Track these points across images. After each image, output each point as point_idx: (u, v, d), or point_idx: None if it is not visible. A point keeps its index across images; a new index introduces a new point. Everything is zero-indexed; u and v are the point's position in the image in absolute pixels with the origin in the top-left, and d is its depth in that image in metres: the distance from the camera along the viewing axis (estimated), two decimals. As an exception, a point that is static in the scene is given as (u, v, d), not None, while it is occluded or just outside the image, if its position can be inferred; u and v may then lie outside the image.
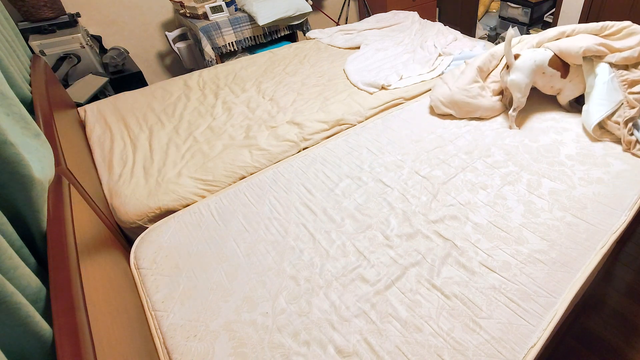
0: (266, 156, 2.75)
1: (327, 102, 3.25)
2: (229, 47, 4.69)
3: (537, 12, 6.41)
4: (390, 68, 3.78)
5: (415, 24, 4.78)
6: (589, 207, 2.20)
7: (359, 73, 3.69)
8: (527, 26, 6.41)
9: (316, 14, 6.24)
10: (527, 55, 2.86)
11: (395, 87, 3.46)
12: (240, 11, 4.81)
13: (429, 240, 2.06)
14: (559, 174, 2.43)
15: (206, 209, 2.35)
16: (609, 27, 2.95)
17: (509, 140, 2.74)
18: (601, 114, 2.66)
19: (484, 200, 2.28)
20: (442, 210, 2.24)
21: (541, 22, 6.50)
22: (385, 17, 5.11)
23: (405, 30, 4.70)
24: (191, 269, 2.00)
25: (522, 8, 6.38)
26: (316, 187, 2.45)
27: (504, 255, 1.96)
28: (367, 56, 4.04)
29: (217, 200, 2.42)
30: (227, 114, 3.23)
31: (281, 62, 4.13)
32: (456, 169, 2.52)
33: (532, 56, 2.84)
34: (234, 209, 2.33)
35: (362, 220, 2.20)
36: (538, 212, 2.19)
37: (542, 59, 2.83)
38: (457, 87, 3.04)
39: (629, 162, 2.47)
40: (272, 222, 2.23)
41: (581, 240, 2.01)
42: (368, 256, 2.00)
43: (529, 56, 2.85)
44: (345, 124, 3.06)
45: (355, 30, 4.79)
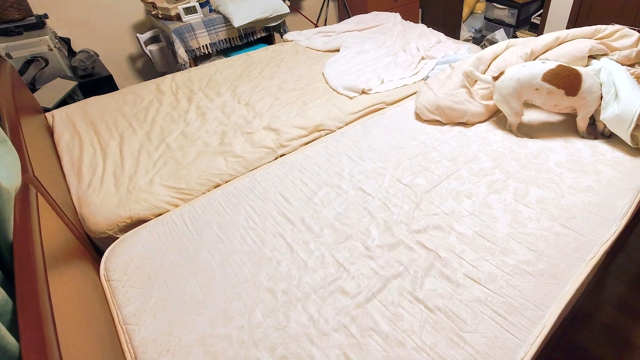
0: (242, 163, 2.75)
1: (305, 107, 3.25)
2: (203, 50, 4.69)
3: (525, 14, 6.42)
4: (371, 71, 3.79)
5: (397, 26, 4.80)
6: (579, 216, 2.20)
7: (339, 77, 3.70)
8: (513, 28, 6.42)
9: (294, 15, 6.24)
10: (509, 74, 2.81)
11: (376, 91, 3.48)
12: (214, 12, 4.81)
13: (411, 251, 2.07)
14: (547, 181, 2.44)
15: (179, 219, 2.35)
16: (602, 30, 3.02)
17: (496, 147, 2.76)
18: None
19: (469, 209, 2.29)
20: (425, 219, 2.24)
21: (528, 24, 6.51)
22: (366, 19, 5.12)
23: (386, 32, 4.72)
24: (164, 280, 2.00)
25: (508, 9, 6.39)
26: (294, 195, 2.46)
27: (490, 266, 1.96)
28: (347, 59, 4.06)
29: (191, 209, 2.42)
30: (201, 119, 3.23)
31: (257, 66, 4.13)
32: (440, 177, 2.52)
33: (514, 74, 2.79)
34: (209, 219, 2.34)
35: (341, 230, 2.21)
36: (525, 221, 2.19)
37: (529, 74, 2.75)
38: (443, 93, 3.05)
39: (619, 170, 2.48)
40: (248, 232, 2.23)
41: (570, 251, 2.02)
42: (348, 268, 2.00)
43: (510, 74, 2.80)
44: (324, 129, 3.07)
45: (334, 32, 4.81)
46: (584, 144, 2.72)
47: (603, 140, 2.73)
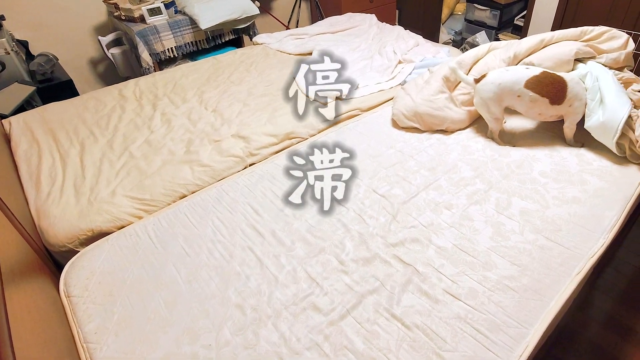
0: (209, 173, 2.75)
1: (276, 114, 3.26)
2: (168, 53, 4.69)
3: (507, 15, 6.44)
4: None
5: (373, 28, 4.83)
6: (564, 228, 2.20)
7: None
8: (495, 30, 6.44)
9: (264, 17, 6.25)
10: (491, 77, 2.80)
11: (351, 96, 3.49)
12: (180, 14, 4.81)
13: (388, 266, 2.06)
14: (531, 192, 2.44)
15: (143, 231, 2.35)
16: (589, 32, 3.03)
17: (477, 155, 2.76)
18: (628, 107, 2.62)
19: (449, 222, 2.29)
20: (403, 232, 2.24)
21: (511, 26, 6.51)
22: (340, 21, 5.14)
23: (361, 34, 4.74)
24: (127, 296, 1.99)
25: (490, 10, 6.39)
26: (264, 207, 2.46)
27: (471, 281, 1.96)
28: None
29: (156, 221, 2.41)
30: (166, 126, 3.22)
31: (226, 70, 4.13)
32: (418, 187, 2.53)
33: (495, 78, 2.77)
34: (174, 231, 2.33)
35: (314, 243, 2.21)
36: (508, 234, 2.19)
37: (511, 80, 2.73)
38: (421, 99, 3.05)
39: (607, 180, 2.49)
40: (216, 245, 2.23)
41: (555, 266, 2.02)
42: (321, 283, 2.00)
43: (492, 78, 2.79)
44: (296, 137, 3.08)
45: (306, 34, 4.82)
46: (570, 152, 2.73)
47: (590, 149, 2.74)
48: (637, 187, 2.48)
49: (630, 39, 3.02)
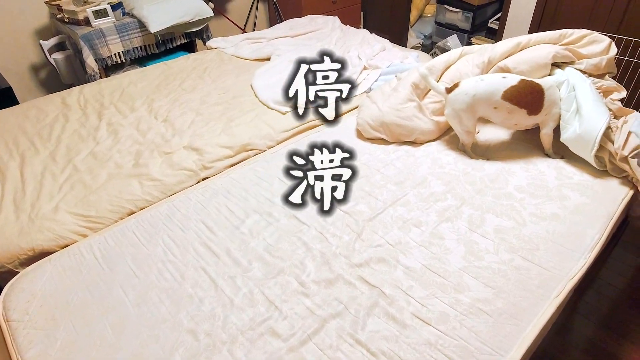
0: (159, 188, 2.76)
1: (232, 124, 3.27)
2: (115, 59, 4.66)
3: (481, 17, 6.42)
4: None
5: (336, 31, 4.87)
6: (542, 248, 2.21)
7: (270, 89, 3.71)
8: (468, 33, 6.43)
9: (218, 20, 6.25)
10: (465, 87, 2.77)
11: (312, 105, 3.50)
12: (128, 16, 4.78)
13: (352, 288, 2.05)
14: (506, 208, 2.45)
15: (88, 251, 2.33)
16: (568, 35, 3.03)
17: (448, 169, 2.77)
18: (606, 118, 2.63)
19: (418, 240, 2.28)
20: (368, 251, 2.23)
21: (485, 29, 6.51)
22: (301, 23, 5.16)
23: (324, 38, 4.77)
24: (70, 321, 1.97)
25: (462, 12, 6.38)
26: (218, 224, 2.45)
27: (441, 305, 1.95)
28: (279, 69, 4.05)
29: (102, 239, 2.40)
30: (113, 137, 3.22)
31: (177, 76, 4.13)
32: (384, 203, 2.54)
33: (470, 88, 2.75)
34: (121, 251, 2.32)
35: (272, 263, 2.20)
36: (481, 254, 2.19)
37: (488, 90, 2.72)
38: (388, 107, 3.05)
39: (588, 195, 2.51)
40: (167, 265, 2.22)
41: (532, 288, 2.01)
42: (280, 306, 1.99)
43: (466, 88, 2.76)
44: (253, 149, 3.09)
45: (264, 38, 4.82)
46: (548, 165, 2.75)
47: (570, 162, 2.76)
48: (620, 203, 2.50)
49: (612, 44, 3.03)
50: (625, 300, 3.07)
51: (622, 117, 2.78)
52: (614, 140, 2.64)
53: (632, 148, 2.57)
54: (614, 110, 2.78)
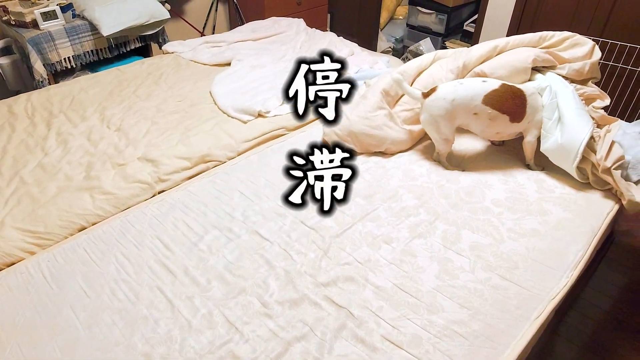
0: (112, 201, 2.73)
1: (190, 134, 3.27)
2: (65, 64, 4.62)
3: (456, 20, 6.45)
4: (269, 90, 3.84)
5: (301, 35, 4.89)
6: (521, 266, 2.21)
7: (230, 96, 3.72)
8: (442, 37, 6.45)
9: (175, 22, 6.21)
10: (443, 92, 2.77)
11: (275, 114, 3.53)
12: (79, 18, 4.74)
13: (318, 308, 2.05)
14: (483, 223, 2.46)
15: (36, 269, 2.30)
16: (549, 38, 3.05)
17: (421, 181, 2.78)
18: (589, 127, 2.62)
19: (388, 258, 2.28)
20: (335, 270, 2.23)
21: (460, 32, 6.55)
22: (263, 26, 5.18)
23: (288, 42, 4.79)
24: (17, 344, 1.95)
25: (436, 14, 6.39)
26: (175, 240, 2.44)
27: (414, 327, 1.95)
28: (240, 75, 4.09)
29: (50, 257, 2.37)
30: (63, 148, 3.19)
31: (131, 83, 4.12)
32: (353, 218, 2.54)
33: (448, 93, 2.75)
34: (72, 269, 2.29)
35: (233, 282, 2.19)
36: (456, 272, 2.19)
37: (467, 95, 2.72)
38: (356, 116, 3.06)
39: (571, 209, 2.53)
40: (120, 285, 2.20)
41: (511, 309, 2.01)
42: (241, 328, 1.97)
43: (444, 92, 2.77)
44: (212, 160, 3.09)
45: (224, 42, 4.83)
46: (528, 177, 2.78)
47: (551, 174, 2.78)
48: (605, 218, 2.52)
49: (596, 47, 3.04)
50: (610, 322, 3.05)
51: (605, 126, 2.82)
52: (597, 151, 2.65)
53: (615, 159, 2.60)
54: (596, 119, 2.80)
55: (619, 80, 4.63)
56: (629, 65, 4.53)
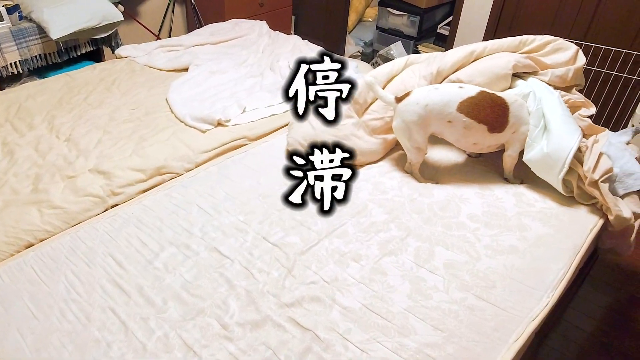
0: (61, 216, 2.72)
1: (144, 144, 3.26)
2: (11, 69, 4.57)
3: (429, 22, 6.46)
4: (230, 97, 3.86)
5: (264, 38, 4.92)
6: (499, 285, 2.21)
7: (187, 104, 3.73)
8: (414, 40, 6.46)
9: (129, 24, 6.18)
10: (417, 96, 2.78)
11: (236, 122, 3.54)
12: (26, 20, 4.69)
13: (281, 330, 2.02)
14: (458, 240, 2.47)
15: None
16: (529, 42, 3.05)
17: (392, 195, 2.78)
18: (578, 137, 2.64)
19: (357, 276, 2.28)
20: (300, 289, 2.21)
21: (434, 36, 6.57)
22: (223, 29, 5.20)
23: (250, 45, 4.82)
24: None
25: (407, 16, 6.41)
26: (129, 258, 2.41)
27: (384, 350, 1.93)
28: (198, 81, 4.10)
29: None
30: (9, 159, 3.17)
31: (82, 89, 4.09)
32: (319, 234, 2.54)
33: (422, 98, 2.75)
34: (18, 288, 2.26)
35: (191, 303, 2.16)
36: (430, 292, 2.18)
37: (441, 101, 2.72)
38: (322, 125, 3.02)
39: (552, 225, 2.54)
40: (70, 305, 2.17)
41: (488, 331, 2.00)
42: (199, 352, 1.95)
43: (417, 97, 2.77)
44: (169, 172, 3.08)
45: (182, 45, 4.83)
46: (506, 191, 2.79)
47: (531, 187, 2.79)
48: (588, 234, 2.53)
49: (580, 52, 3.05)
50: (594, 346, 3.06)
51: (592, 135, 2.81)
52: (584, 162, 2.65)
53: (603, 171, 2.60)
54: (583, 128, 2.78)
55: (603, 86, 4.66)
56: (613, 71, 4.56)
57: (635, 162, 2.83)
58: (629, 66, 4.55)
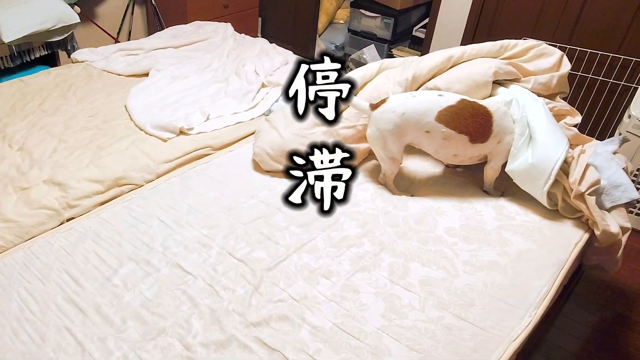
0: (14, 230, 2.70)
1: (102, 153, 3.25)
2: (-42, 74, 4.57)
3: (404, 24, 6.48)
4: (193, 104, 3.85)
5: (229, 41, 4.94)
6: (478, 303, 2.19)
7: (148, 111, 3.72)
8: (389, 44, 6.48)
9: (86, 27, 6.15)
10: (393, 104, 2.76)
11: (199, 130, 3.54)
12: None
13: (247, 351, 2.01)
14: (435, 255, 2.45)
15: None
16: (511, 47, 3.05)
17: (365, 207, 2.78)
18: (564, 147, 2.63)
19: (327, 294, 2.26)
20: (268, 307, 2.19)
21: (409, 39, 6.59)
22: (186, 31, 5.20)
23: (214, 49, 4.83)
24: None
25: (381, 18, 6.41)
26: (86, 274, 2.38)
27: None
28: (159, 87, 4.10)
29: None
30: (-42, 170, 3.15)
31: (36, 96, 4.07)
32: (287, 249, 2.52)
33: (398, 105, 2.74)
34: None
35: (151, 322, 2.13)
36: (405, 310, 2.16)
37: (419, 109, 2.70)
38: (291, 134, 3.06)
39: (534, 239, 2.53)
40: (23, 324, 2.14)
41: (467, 351, 1.98)
42: None
43: (393, 105, 2.75)
44: (128, 184, 3.07)
45: (142, 49, 4.82)
46: (486, 203, 2.79)
47: (512, 199, 2.79)
48: (573, 250, 2.53)
49: (564, 58, 3.05)
50: None
51: (579, 146, 2.81)
52: (570, 174, 2.64)
53: (590, 183, 2.59)
54: (569, 138, 2.77)
55: (588, 92, 4.69)
56: (600, 76, 4.58)
57: (622, 173, 2.82)
58: (615, 71, 4.58)
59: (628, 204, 2.79)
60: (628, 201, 2.74)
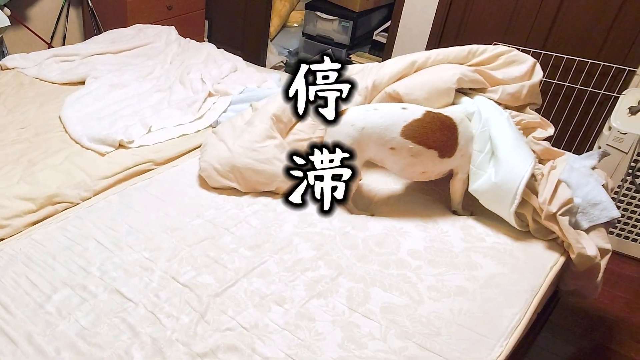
0: None
1: (34, 169, 3.22)
2: None
3: (363, 28, 6.49)
4: (133, 115, 3.85)
5: (172, 46, 4.95)
6: (444, 332, 2.16)
7: (84, 122, 3.69)
8: (347, 49, 6.50)
9: (17, 31, 6.07)
10: (351, 116, 2.75)
11: (140, 144, 3.53)
12: None
13: None
14: (397, 280, 2.44)
15: None
16: (479, 53, 3.06)
17: (321, 227, 2.76)
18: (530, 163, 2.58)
19: (280, 322, 2.23)
20: (214, 337, 2.15)
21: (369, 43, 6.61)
22: (126, 35, 5.20)
23: (156, 55, 4.84)
24: None
25: (338, 21, 6.43)
26: (16, 301, 2.34)
27: None
28: (97, 96, 4.08)
29: None
30: None
31: None
32: (236, 273, 2.50)
33: (358, 119, 2.74)
34: None
35: (88, 353, 2.08)
36: (364, 340, 2.14)
37: (382, 124, 2.71)
38: (240, 147, 3.04)
39: (505, 263, 2.52)
40: None
41: None
42: None
43: (352, 117, 2.75)
44: (63, 202, 3.03)
45: (78, 55, 4.79)
46: (453, 223, 2.78)
47: (481, 219, 2.79)
48: (548, 274, 2.52)
49: (537, 65, 3.05)
50: None
51: (550, 161, 2.82)
52: (539, 193, 2.64)
53: (562, 202, 2.58)
54: (538, 152, 2.80)
55: (565, 101, 4.72)
56: (577, 84, 4.61)
57: (602, 189, 2.84)
58: (595, 78, 4.59)
59: (608, 224, 2.79)
60: (608, 220, 2.74)
